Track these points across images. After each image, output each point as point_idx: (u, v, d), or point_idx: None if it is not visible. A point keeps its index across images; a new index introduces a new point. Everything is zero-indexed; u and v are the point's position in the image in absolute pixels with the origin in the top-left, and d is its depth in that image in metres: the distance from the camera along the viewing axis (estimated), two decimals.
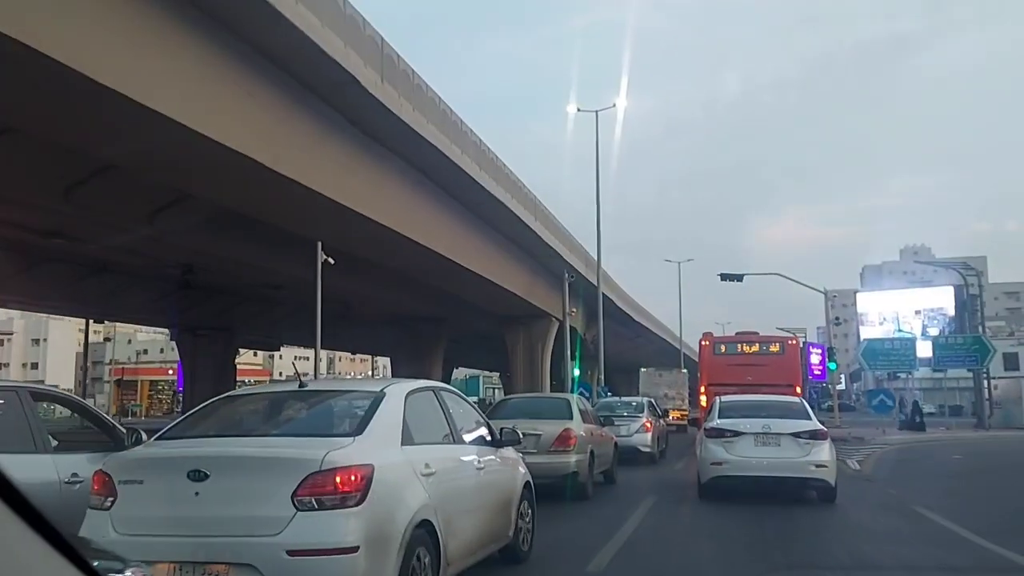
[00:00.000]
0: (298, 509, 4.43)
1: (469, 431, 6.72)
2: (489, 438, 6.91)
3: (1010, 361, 35.94)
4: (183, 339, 45.19)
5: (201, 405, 6.15)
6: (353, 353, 79.94)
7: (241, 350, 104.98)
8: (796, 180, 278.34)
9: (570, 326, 42.96)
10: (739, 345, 26.51)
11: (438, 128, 23.54)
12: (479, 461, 6.43)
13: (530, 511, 7.37)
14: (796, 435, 11.50)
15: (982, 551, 8.31)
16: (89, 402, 9.29)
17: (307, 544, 4.36)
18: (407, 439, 5.41)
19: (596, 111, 39.60)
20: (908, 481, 15.89)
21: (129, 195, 19.96)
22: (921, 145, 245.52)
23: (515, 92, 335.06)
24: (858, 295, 40.52)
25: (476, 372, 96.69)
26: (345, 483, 4.52)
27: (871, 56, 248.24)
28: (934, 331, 37.50)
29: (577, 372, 41.39)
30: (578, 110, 40.22)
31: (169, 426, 5.72)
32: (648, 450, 18.96)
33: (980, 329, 34.62)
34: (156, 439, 5.40)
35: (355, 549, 4.43)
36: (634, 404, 21.35)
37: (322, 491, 4.46)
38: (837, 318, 40.18)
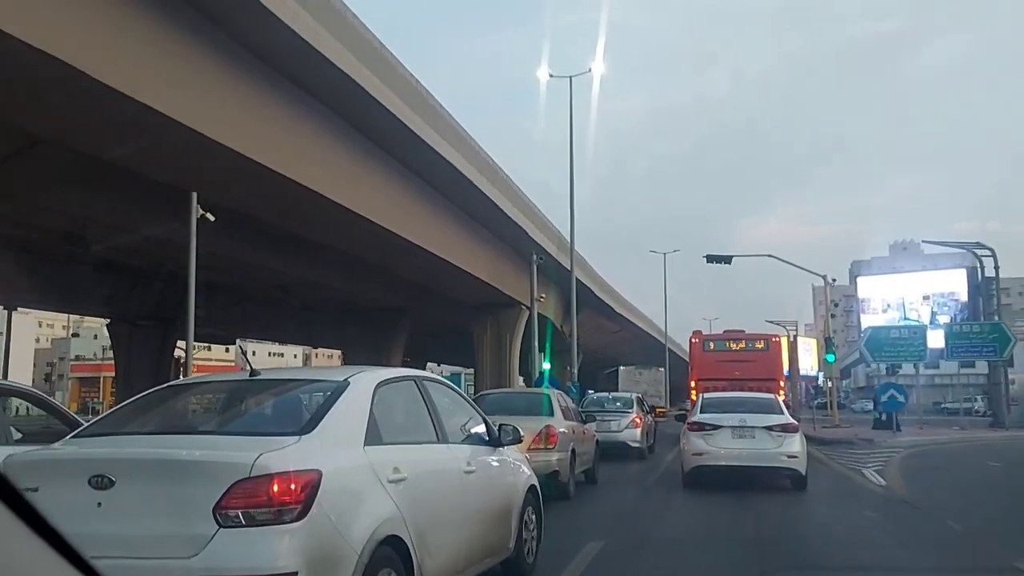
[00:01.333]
0: (221, 525, 3.55)
1: (460, 428, 5.81)
2: (487, 436, 6.01)
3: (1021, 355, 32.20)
4: (118, 330, 40.58)
5: (134, 397, 5.14)
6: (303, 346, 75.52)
7: (214, 346, 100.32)
8: (784, 179, 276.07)
9: (543, 316, 38.73)
10: (727, 342, 27.49)
11: (374, 73, 19.36)
12: (469, 463, 5.49)
13: (535, 518, 6.50)
14: (769, 428, 12.35)
15: None
16: None
17: (230, 569, 3.48)
18: (373, 438, 4.47)
19: (570, 76, 35.42)
20: (963, 505, 11.57)
21: None
22: (908, 144, 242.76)
23: (493, 82, 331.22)
24: (859, 279, 36.22)
25: (458, 369, 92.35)
26: (282, 492, 3.63)
27: (859, 55, 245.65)
28: (944, 318, 33.20)
29: (547, 366, 37.10)
30: (550, 75, 35.89)
31: (91, 422, 4.99)
32: (637, 445, 19.07)
33: (997, 316, 30.45)
34: (72, 437, 4.47)
35: (293, 575, 3.54)
36: (623, 400, 21.35)
37: (252, 502, 3.58)
38: (835, 302, 35.99)
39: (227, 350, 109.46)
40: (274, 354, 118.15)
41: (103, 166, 17.16)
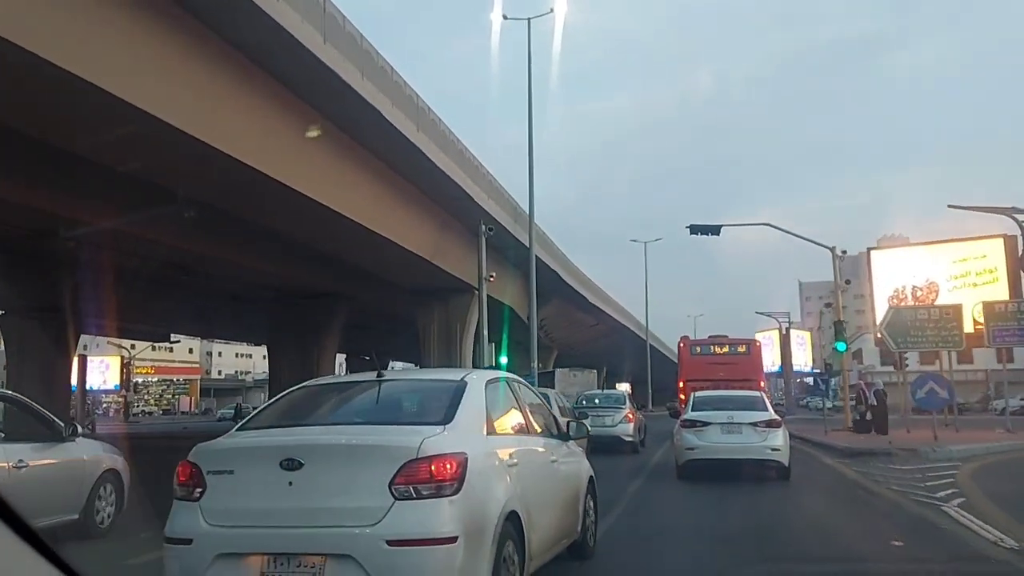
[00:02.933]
0: (396, 498, 4.14)
1: (541, 423, 6.26)
2: (558, 431, 6.46)
3: None
4: (8, 324, 34.04)
5: (280, 395, 5.77)
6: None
7: (171, 345, 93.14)
8: (770, 178, 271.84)
9: (498, 302, 32.59)
10: (712, 347, 28.95)
11: None
12: (552, 454, 6.07)
13: (593, 506, 6.89)
14: (755, 424, 13.10)
15: None
16: None
17: (406, 534, 4.07)
18: (490, 429, 5.11)
19: (528, 19, 29.56)
20: None
21: None
22: (895, 142, 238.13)
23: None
24: (873, 253, 30.07)
25: (408, 365, 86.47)
26: (441, 471, 4.23)
27: (843, 55, 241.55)
28: (976, 296, 27.11)
29: (505, 359, 30.99)
30: (504, 18, 29.91)
31: (250, 416, 5.47)
32: (630, 439, 19.79)
33: None
34: (238, 429, 5.05)
35: (454, 539, 4.13)
36: (616, 397, 22.74)
37: (419, 479, 4.18)
38: (849, 281, 29.95)
39: (190, 351, 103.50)
40: (242, 355, 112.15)
41: None
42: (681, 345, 30.90)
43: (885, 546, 7.54)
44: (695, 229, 27.65)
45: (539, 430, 6.08)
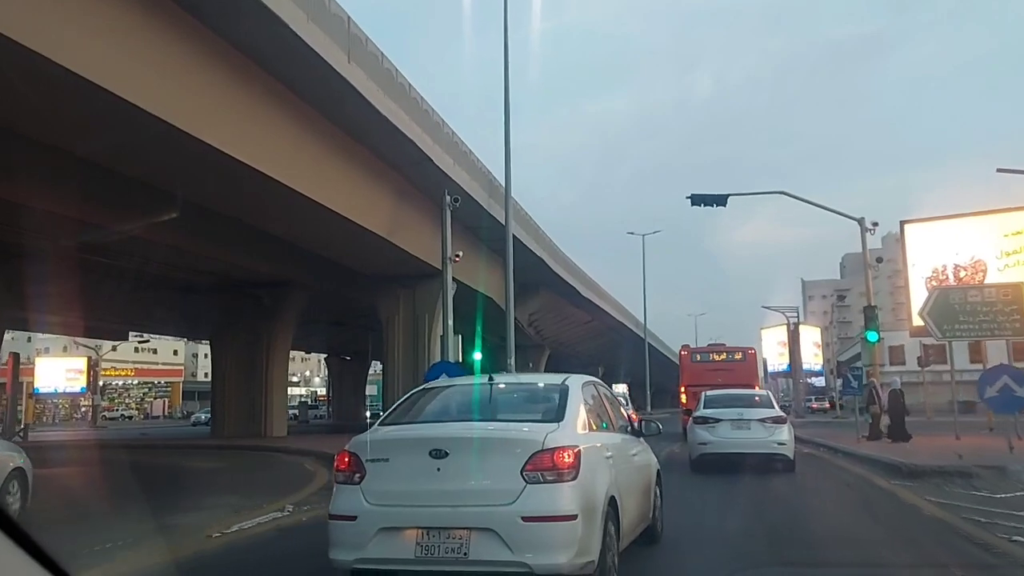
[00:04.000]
0: (527, 482, 4.78)
1: (621, 420, 6.85)
2: (631, 428, 7.03)
3: None
4: None
5: (405, 396, 6.37)
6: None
7: (154, 347, 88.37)
8: (769, 178, 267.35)
9: (469, 288, 28.18)
10: (711, 354, 30.22)
11: None
12: (632, 448, 6.64)
13: (660, 495, 7.47)
14: (762, 420, 14.08)
15: None
16: None
17: (537, 512, 4.70)
18: (588, 426, 5.68)
19: None
20: None
21: None
22: (892, 143, 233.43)
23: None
24: (907, 226, 25.41)
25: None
26: (562, 461, 4.85)
27: (842, 55, 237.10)
28: None
29: (479, 356, 26.53)
30: None
31: (386, 414, 6.16)
32: None
33: None
34: (379, 424, 5.72)
35: (575, 517, 4.77)
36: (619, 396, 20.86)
37: (545, 467, 4.80)
38: (881, 259, 25.27)
39: (175, 352, 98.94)
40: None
41: None
42: (683, 353, 32.77)
43: None
44: (697, 200, 23.26)
45: (619, 426, 6.70)
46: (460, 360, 23.83)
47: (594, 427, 5.81)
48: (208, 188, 18.62)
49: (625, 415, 7.21)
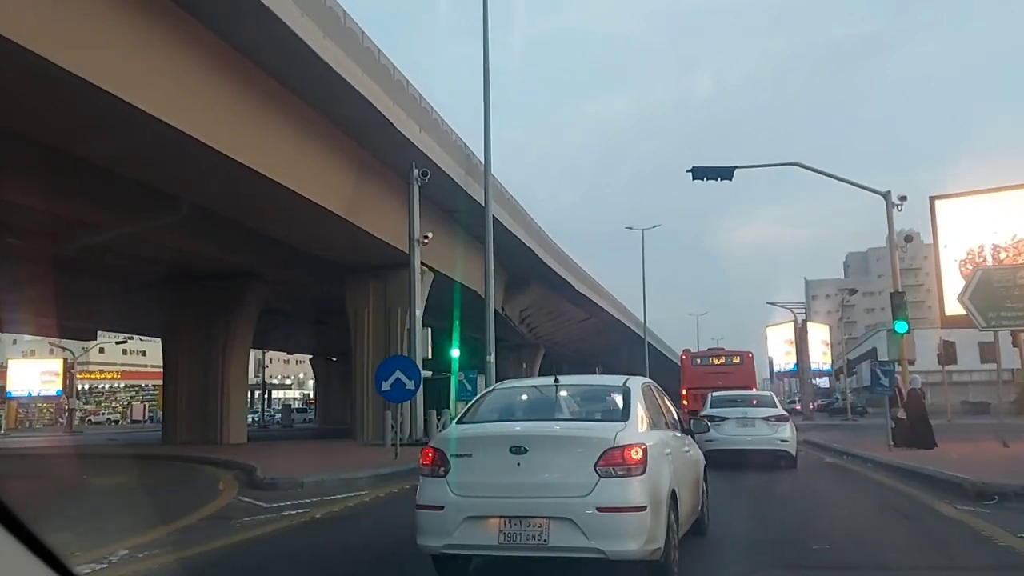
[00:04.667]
0: (600, 476, 5.14)
1: (673, 419, 7.12)
2: (681, 426, 7.32)
3: None
4: None
5: (481, 394, 7.18)
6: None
7: (143, 348, 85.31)
8: (769, 177, 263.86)
9: (444, 276, 25.36)
10: (710, 358, 31.91)
11: None
12: (684, 444, 6.97)
13: (707, 489, 7.78)
14: (766, 419, 14.99)
15: None
16: None
17: (611, 503, 5.07)
18: (649, 424, 5.96)
19: None
20: None
21: None
22: (893, 143, 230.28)
23: None
24: (937, 203, 22.23)
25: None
26: (631, 457, 5.21)
27: (842, 56, 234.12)
28: None
29: (457, 352, 23.65)
30: None
31: (462, 413, 6.54)
32: None
33: None
34: (456, 423, 6.19)
35: (644, 508, 5.14)
36: None
37: (616, 463, 5.18)
38: (911, 237, 22.00)
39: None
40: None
41: None
42: (684, 357, 33.64)
43: None
44: (699, 173, 20.28)
45: (672, 424, 6.96)
46: (430, 356, 20.96)
47: (653, 425, 6.09)
48: (142, 158, 15.79)
49: (675, 414, 7.45)
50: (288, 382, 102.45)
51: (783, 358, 48.34)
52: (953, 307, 20.14)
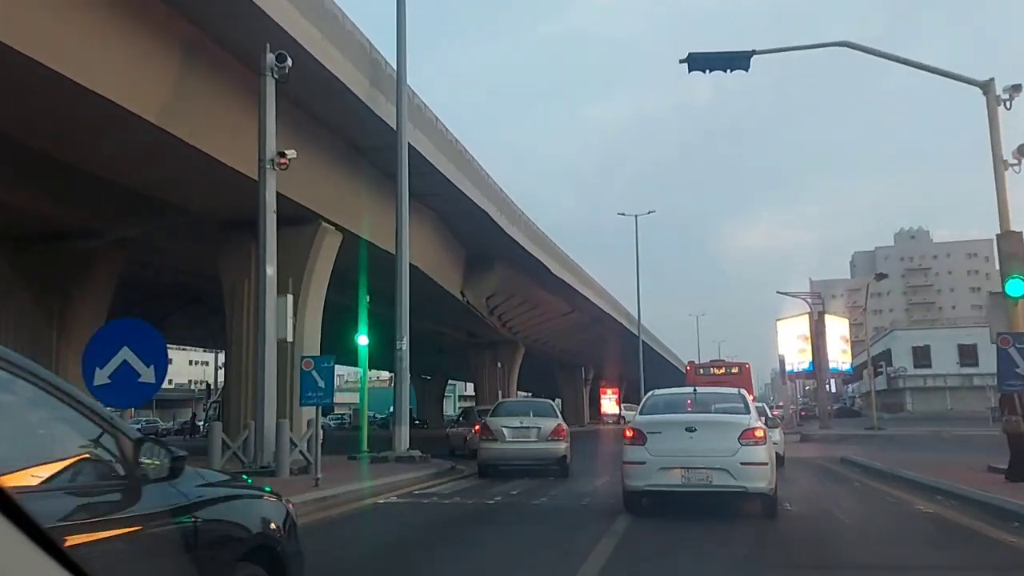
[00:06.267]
0: (741, 445, 8.49)
1: (765, 416, 11.91)
2: (765, 417, 11.31)
3: None
4: None
5: (645, 398, 10.51)
6: None
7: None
8: (772, 185, 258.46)
9: (364, 241, 18.49)
10: (711, 368, 34.38)
11: None
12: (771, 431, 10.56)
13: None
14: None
15: None
16: None
17: (749, 460, 8.46)
18: (757, 417, 9.30)
19: None
20: None
21: None
22: (899, 147, 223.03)
23: None
24: None
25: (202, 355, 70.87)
26: (758, 434, 8.65)
27: (844, 60, 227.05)
28: None
29: (365, 340, 16.65)
30: None
31: (640, 408, 10.11)
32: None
33: None
34: (639, 415, 9.59)
35: (767, 464, 8.61)
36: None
37: (750, 437, 8.56)
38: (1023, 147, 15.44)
39: None
40: (197, 362, 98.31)
41: None
42: (688, 368, 36.05)
43: None
44: (698, 62, 13.37)
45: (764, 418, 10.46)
46: (292, 330, 13.91)
47: (758, 418, 9.39)
48: None
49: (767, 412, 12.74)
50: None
51: (796, 356, 41.08)
52: None
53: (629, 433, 8.95)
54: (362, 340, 16.59)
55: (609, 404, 62.48)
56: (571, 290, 39.36)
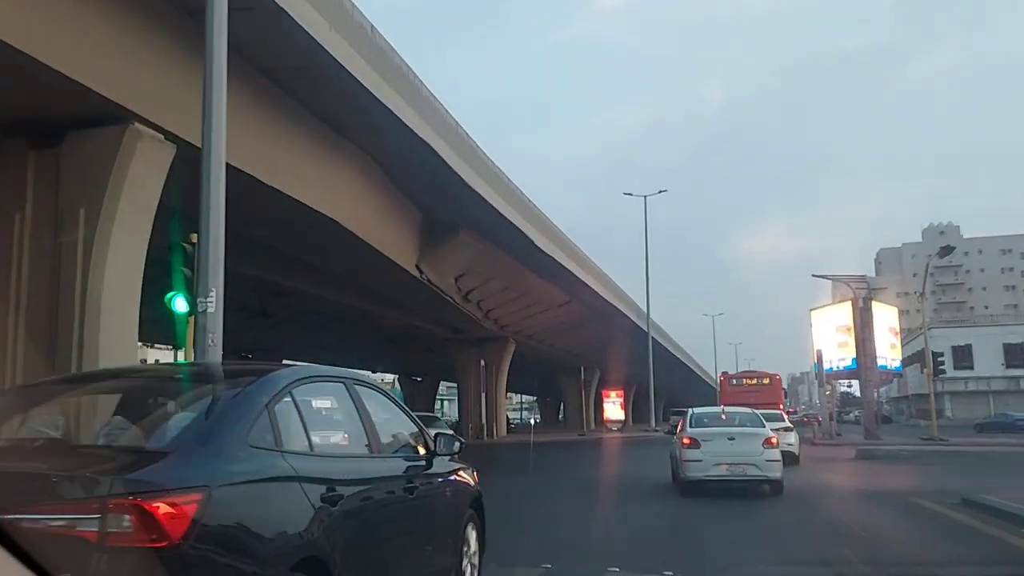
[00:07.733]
0: (764, 448, 12.09)
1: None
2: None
3: None
4: None
5: (689, 415, 14.00)
6: None
7: None
8: (784, 191, 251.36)
9: (171, 135, 11.35)
10: (743, 380, 36.30)
11: None
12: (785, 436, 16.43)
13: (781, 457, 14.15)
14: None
15: None
16: None
17: (769, 458, 12.05)
18: (770, 428, 13.35)
19: None
20: None
21: None
22: (907, 153, 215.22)
23: None
24: None
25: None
26: (773, 441, 12.31)
27: (853, 66, 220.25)
28: None
29: (184, 305, 9.70)
30: None
31: (688, 422, 13.38)
32: None
33: None
34: (689, 427, 12.90)
35: (779, 460, 12.31)
36: None
37: (769, 444, 12.19)
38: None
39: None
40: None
41: None
42: (721, 379, 40.39)
43: None
44: None
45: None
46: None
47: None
48: None
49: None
50: None
51: (836, 351, 33.57)
52: None
53: (687, 440, 12.38)
54: (179, 304, 9.72)
55: (613, 409, 54.55)
56: (566, 274, 32.23)
